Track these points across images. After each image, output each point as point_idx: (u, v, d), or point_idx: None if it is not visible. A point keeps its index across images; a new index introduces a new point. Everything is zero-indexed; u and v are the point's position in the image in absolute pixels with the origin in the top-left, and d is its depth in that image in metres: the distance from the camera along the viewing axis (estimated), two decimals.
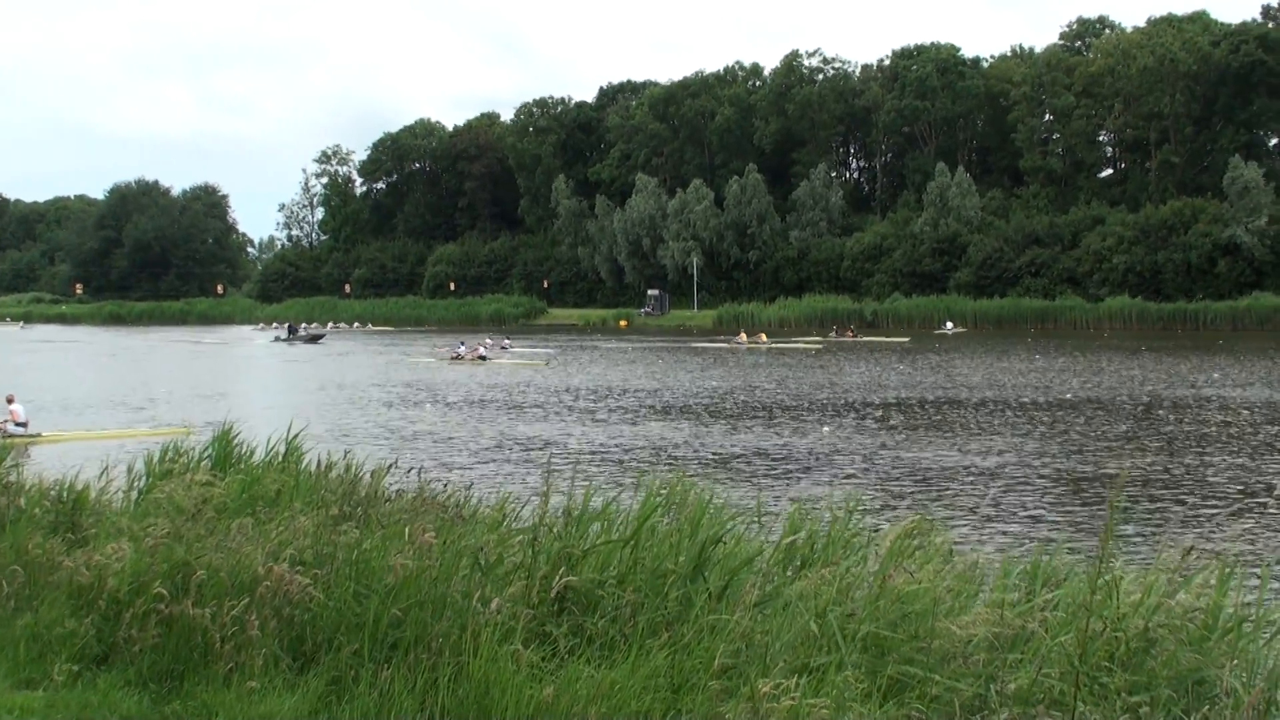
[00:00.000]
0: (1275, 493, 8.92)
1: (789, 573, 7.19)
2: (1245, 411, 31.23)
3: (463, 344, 66.06)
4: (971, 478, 20.37)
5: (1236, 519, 15.64)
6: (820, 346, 68.10)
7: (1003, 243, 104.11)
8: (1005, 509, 17.34)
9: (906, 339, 74.97)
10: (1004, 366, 49.72)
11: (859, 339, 77.97)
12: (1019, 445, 24.53)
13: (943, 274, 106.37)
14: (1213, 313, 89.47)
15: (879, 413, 31.74)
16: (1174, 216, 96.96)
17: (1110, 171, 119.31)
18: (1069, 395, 36.12)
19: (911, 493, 18.66)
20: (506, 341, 67.42)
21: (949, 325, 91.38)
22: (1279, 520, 15.52)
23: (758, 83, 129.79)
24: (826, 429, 27.55)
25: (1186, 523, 15.68)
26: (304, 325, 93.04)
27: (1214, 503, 17.63)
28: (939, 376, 45.02)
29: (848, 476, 20.43)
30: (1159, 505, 17.49)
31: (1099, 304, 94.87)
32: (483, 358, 53.81)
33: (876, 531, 7.71)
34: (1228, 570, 6.37)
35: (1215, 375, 43.92)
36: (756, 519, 8.35)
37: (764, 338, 72.67)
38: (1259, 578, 6.55)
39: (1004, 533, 15.46)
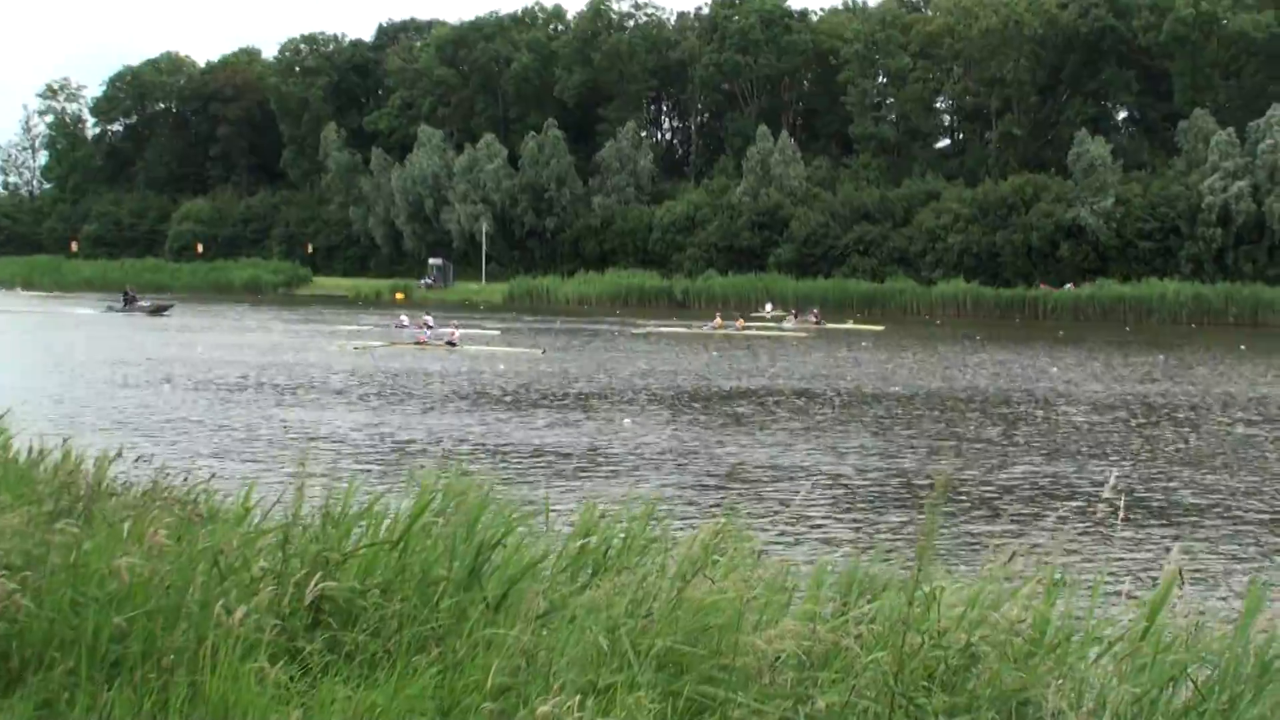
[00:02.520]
0: (1109, 485, 9.25)
1: (578, 581, 7.20)
2: (1081, 409, 32.49)
3: (405, 318, 65.16)
4: (785, 476, 20.75)
5: (1067, 523, 16.26)
6: (809, 334, 67.27)
7: (829, 217, 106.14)
8: (820, 511, 17.71)
9: (881, 326, 74.11)
10: (818, 358, 50.72)
11: (824, 325, 75.95)
12: (839, 442, 25.08)
13: (762, 250, 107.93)
14: (1053, 300, 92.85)
15: (689, 404, 32.10)
16: (1014, 194, 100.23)
17: (947, 142, 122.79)
18: (896, 388, 37.07)
19: (718, 492, 18.92)
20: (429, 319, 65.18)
21: (769, 308, 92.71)
22: (1109, 523, 16.19)
23: (560, 27, 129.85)
24: (628, 421, 27.74)
25: (1014, 528, 16.25)
26: (149, 296, 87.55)
27: (1044, 506, 18.30)
28: (758, 363, 45.78)
29: (649, 473, 20.61)
30: (986, 509, 18.09)
31: (931, 287, 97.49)
32: (452, 344, 51.09)
33: (678, 535, 7.77)
34: (1056, 580, 6.58)
35: (1054, 370, 45.59)
36: (543, 520, 8.35)
37: (741, 323, 70.81)
38: (1089, 587, 6.79)
39: (818, 537, 15.79)
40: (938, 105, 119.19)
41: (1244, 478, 21.47)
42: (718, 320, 72.70)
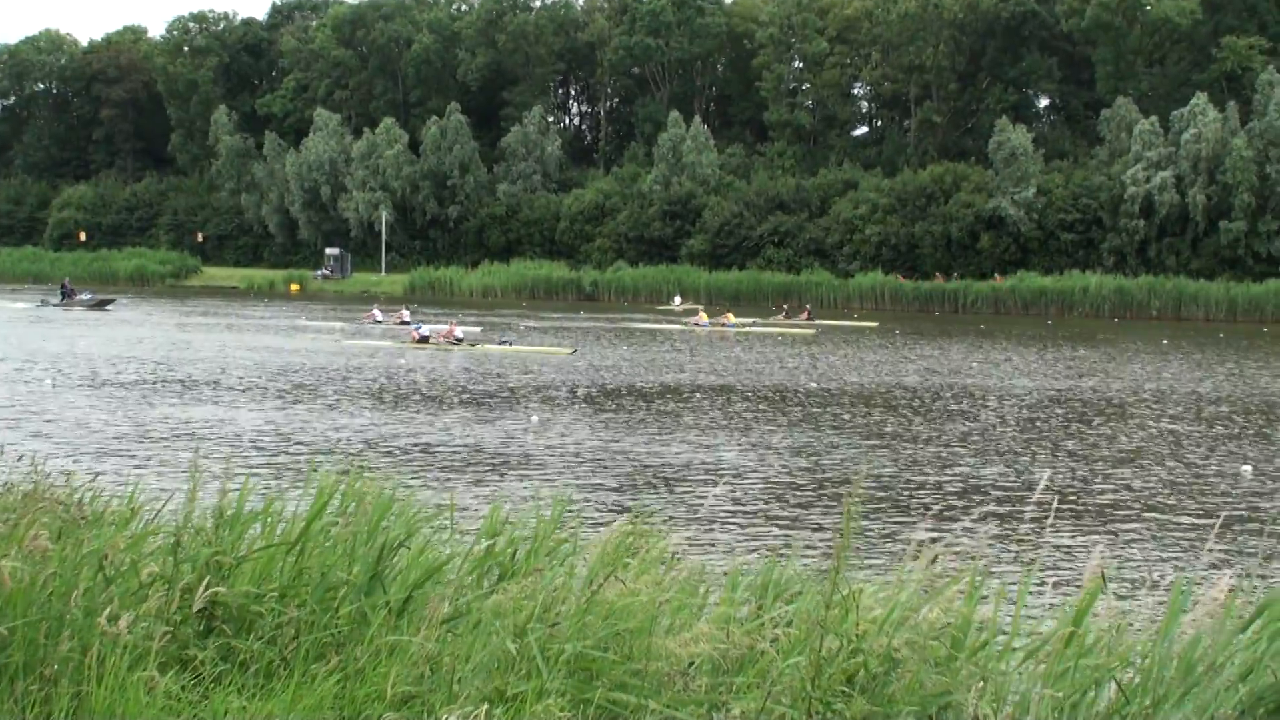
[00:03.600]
0: (1041, 483, 9.39)
1: (484, 585, 7.19)
2: (1006, 405, 32.90)
3: (378, 313, 64.03)
4: (700, 474, 20.83)
5: (989, 522, 16.46)
6: (815, 331, 65.51)
7: (743, 207, 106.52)
8: (736, 510, 17.80)
9: (875, 323, 73.61)
10: (732, 355, 50.91)
11: (815, 321, 74.22)
12: (756, 439, 25.21)
13: (674, 241, 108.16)
14: (974, 293, 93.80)
15: (600, 400, 32.11)
16: (934, 183, 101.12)
17: (865, 130, 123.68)
18: (813, 384, 37.31)
19: (631, 491, 18.96)
20: (406, 314, 63.87)
21: (676, 300, 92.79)
22: (1036, 523, 16.41)
23: (463, 6, 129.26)
24: (535, 418, 27.72)
25: (938, 528, 16.42)
26: (88, 289, 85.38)
27: (968, 505, 18.50)
28: (678, 357, 45.89)
29: (559, 472, 20.61)
30: (909, 509, 18.26)
31: (849, 280, 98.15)
32: (458, 339, 49.57)
33: (588, 537, 7.78)
34: (978, 580, 6.65)
35: (974, 364, 46.10)
36: (448, 521, 8.32)
37: (730, 318, 68.81)
38: (1014, 589, 6.87)
39: (734, 538, 15.87)
40: (855, 92, 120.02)
41: (1171, 475, 21.84)
42: (701, 316, 70.72)
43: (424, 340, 50.23)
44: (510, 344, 48.95)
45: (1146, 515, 18.35)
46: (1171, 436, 27.25)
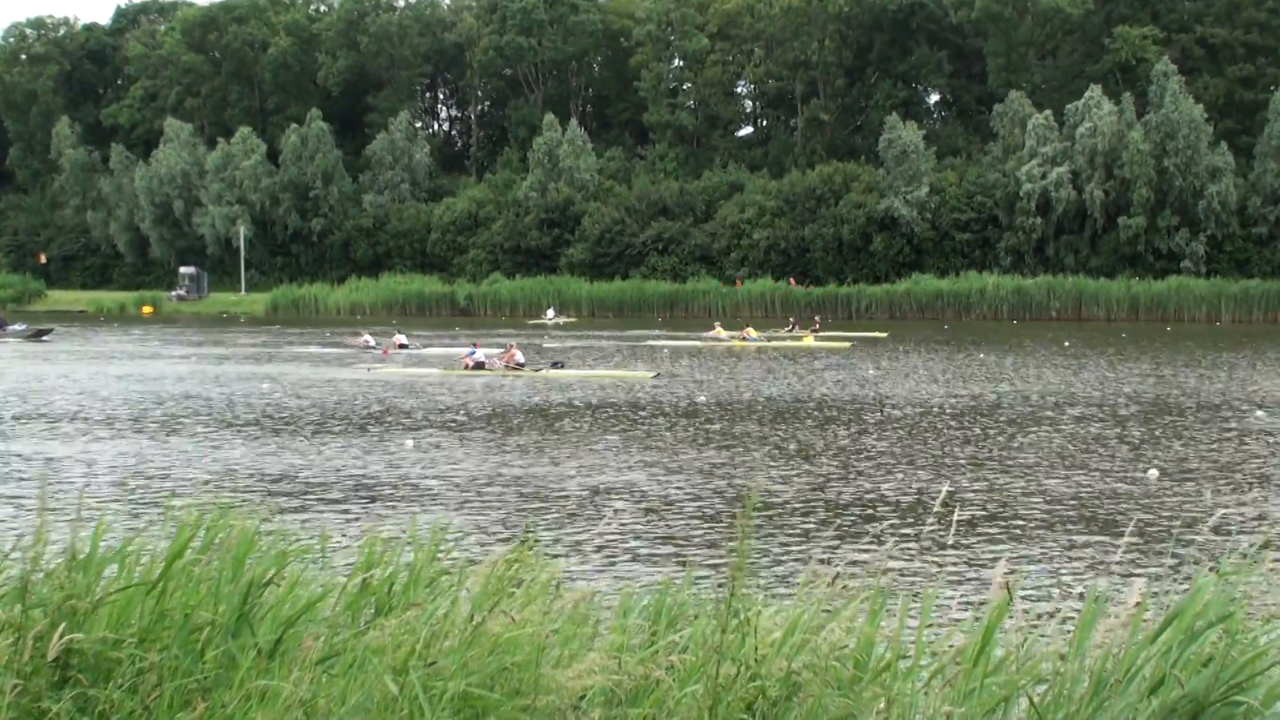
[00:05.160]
0: (942, 494, 9.49)
1: (361, 621, 7.12)
2: (905, 413, 33.22)
3: (370, 338, 62.33)
4: (586, 496, 20.82)
5: (892, 536, 16.60)
6: (850, 345, 62.97)
7: (624, 213, 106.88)
8: (626, 533, 17.81)
9: (884, 333, 72.56)
10: (605, 376, 50.97)
11: (821, 331, 71.98)
12: (646, 458, 25.24)
13: (553, 250, 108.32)
14: (867, 297, 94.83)
15: (481, 422, 32.01)
16: (823, 184, 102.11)
17: (750, 130, 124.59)
18: (702, 398, 37.43)
19: (515, 517, 18.91)
20: (401, 338, 61.91)
21: (550, 314, 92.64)
22: (939, 536, 16.58)
23: (322, 7, 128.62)
24: (410, 443, 27.56)
25: (839, 545, 16.54)
26: (22, 321, 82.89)
27: (870, 520, 18.66)
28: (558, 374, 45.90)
29: (437, 499, 20.50)
30: (808, 525, 18.38)
31: (736, 288, 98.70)
32: (520, 364, 46.56)
33: (471, 566, 7.75)
34: (881, 598, 6.70)
35: (872, 372, 46.53)
36: (320, 554, 8.24)
37: (751, 332, 66.86)
38: (918, 606, 6.93)
39: (625, 563, 15.88)
40: (739, 90, 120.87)
41: (1078, 482, 22.16)
42: (717, 329, 68.87)
43: (479, 366, 47.33)
44: (562, 366, 47.58)
45: (1054, 524, 18.60)
46: (1077, 441, 27.66)
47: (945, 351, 57.48)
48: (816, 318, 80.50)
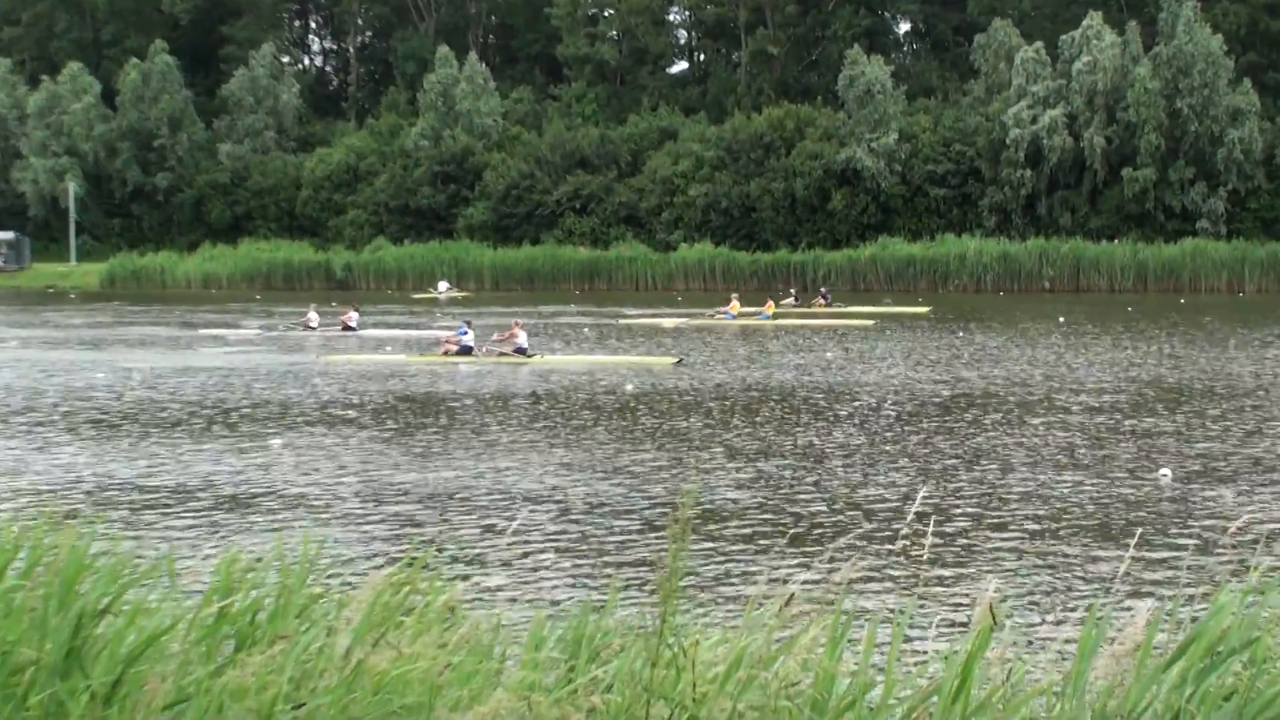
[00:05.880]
0: (917, 500, 9.49)
1: (218, 657, 7.07)
2: (873, 404, 33.36)
3: (314, 315, 61.81)
4: (491, 506, 20.77)
5: (857, 550, 16.66)
6: (873, 323, 62.22)
7: (534, 166, 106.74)
8: (538, 548, 17.78)
9: (927, 308, 71.57)
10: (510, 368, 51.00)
11: (830, 306, 71.49)
12: (563, 458, 25.21)
13: (448, 211, 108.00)
14: (825, 265, 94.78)
15: (369, 418, 31.89)
16: (772, 131, 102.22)
17: (685, 66, 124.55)
18: (629, 387, 37.44)
19: (405, 529, 18.84)
20: (353, 316, 61.08)
21: (443, 286, 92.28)
22: (913, 549, 16.65)
23: None
24: (278, 443, 27.41)
25: (794, 560, 16.57)
26: None
27: (831, 530, 18.71)
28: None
29: (314, 508, 20.41)
30: (758, 537, 18.41)
31: (670, 254, 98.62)
32: (521, 349, 44.66)
33: (351, 589, 7.70)
34: (843, 624, 6.68)
35: (828, 355, 46.71)
36: (168, 577, 8.17)
37: (772, 306, 65.77)
38: (889, 633, 6.93)
39: (537, 584, 15.85)
40: (671, 19, 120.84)
41: (1077, 485, 22.25)
42: (734, 304, 67.50)
43: (465, 351, 45.98)
44: (554, 352, 46.45)
45: (1049, 534, 18.69)
46: (1076, 437, 27.82)
47: (919, 332, 57.70)
48: (824, 289, 79.25)
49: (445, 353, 46.22)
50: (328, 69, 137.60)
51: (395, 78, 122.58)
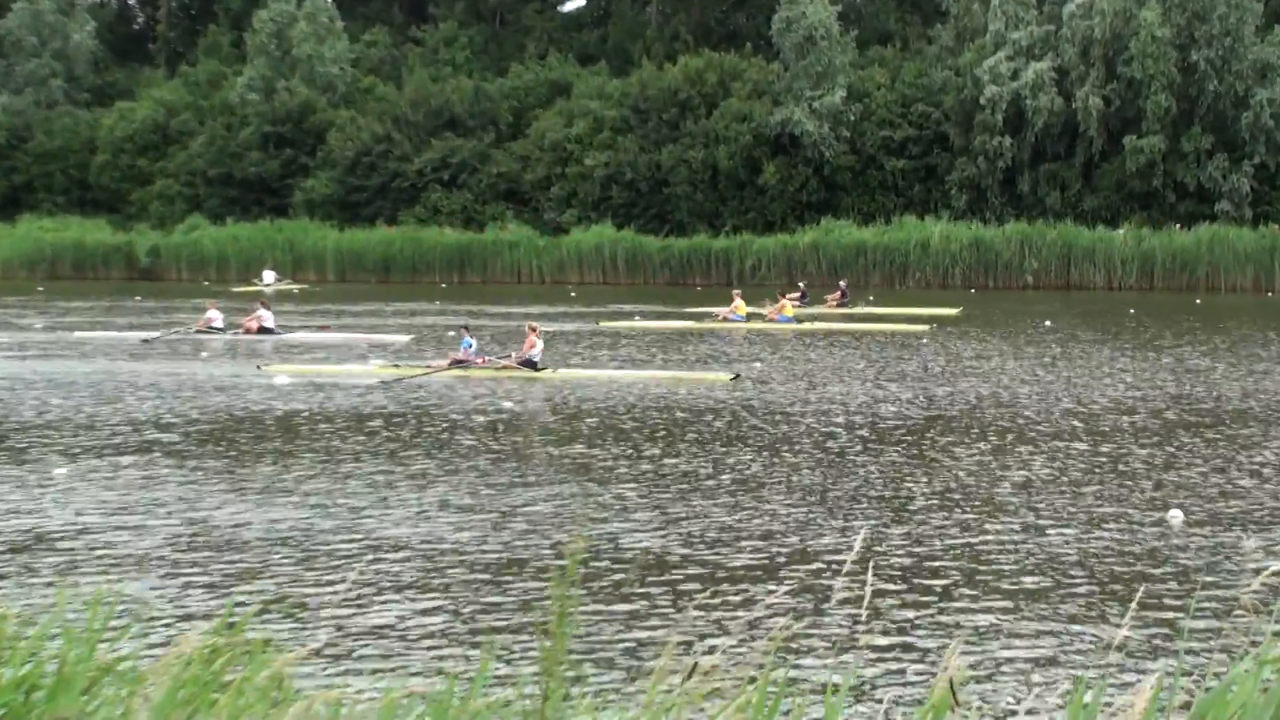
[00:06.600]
0: (857, 544, 9.54)
1: None
2: (809, 425, 33.47)
3: (216, 314, 61.16)
4: (338, 553, 20.71)
5: (789, 608, 16.72)
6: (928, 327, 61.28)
7: (391, 127, 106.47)
8: (393, 606, 17.75)
9: (957, 309, 70.35)
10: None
11: (852, 309, 70.79)
12: (441, 495, 25.15)
13: (282, 182, 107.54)
14: (756, 252, 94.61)
15: (192, 441, 31.73)
16: (689, 86, 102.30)
17: (581, 3, 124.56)
18: (509, 404, 37.46)
19: (225, 582, 18.76)
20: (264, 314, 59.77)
21: (268, 276, 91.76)
22: (854, 605, 16.70)
23: None
24: (62, 471, 27.26)
25: (711, 620, 16.61)
26: None
27: (753, 580, 18.77)
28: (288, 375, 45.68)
29: (104, 556, 20.29)
30: (664, 593, 18.44)
31: (562, 238, 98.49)
32: (532, 363, 43.34)
33: (153, 658, 7.66)
34: (768, 700, 6.70)
35: (759, 364, 46.86)
36: None
37: (787, 308, 64.55)
38: (818, 708, 6.98)
39: (388, 651, 15.82)
40: None
41: (1065, 528, 22.35)
42: (737, 304, 66.63)
43: (459, 365, 45.53)
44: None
45: (1028, 590, 18.79)
46: (1066, 471, 27.98)
47: (870, 332, 57.92)
48: (841, 284, 78.17)
49: (450, 364, 45.60)
50: (131, 2, 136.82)
51: (216, 15, 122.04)
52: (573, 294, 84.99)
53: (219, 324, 59.79)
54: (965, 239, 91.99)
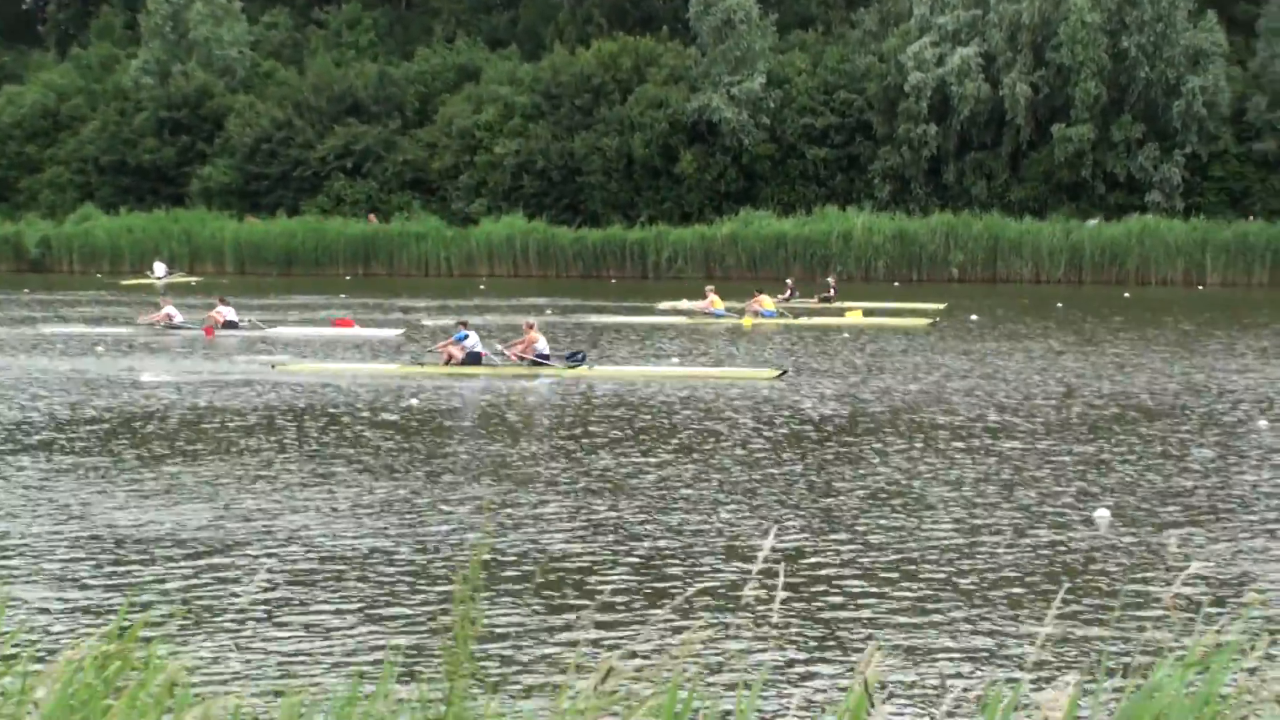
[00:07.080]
0: (767, 545, 9.59)
1: None
2: (725, 425, 33.53)
3: (174, 311, 60.10)
4: (239, 554, 20.68)
5: (701, 610, 16.77)
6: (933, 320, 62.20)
7: (292, 113, 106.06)
8: (292, 608, 17.74)
9: (940, 304, 70.08)
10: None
11: (833, 304, 70.70)
12: (350, 495, 25.13)
13: (179, 170, 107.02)
14: (672, 243, 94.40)
15: (95, 441, 31.60)
16: (603, 71, 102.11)
17: None
18: (414, 401, 37.42)
19: (120, 584, 18.71)
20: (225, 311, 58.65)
21: (159, 269, 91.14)
22: (765, 607, 16.78)
23: None
24: None
25: (618, 626, 16.67)
26: None
27: (664, 582, 18.84)
28: (200, 366, 45.53)
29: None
30: (568, 597, 18.51)
31: (470, 229, 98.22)
32: (544, 358, 42.51)
33: (42, 662, 7.68)
34: (678, 704, 6.75)
35: (675, 359, 46.88)
36: None
37: (764, 302, 63.68)
38: (729, 712, 7.05)
39: (291, 654, 15.83)
40: None
41: (987, 526, 22.46)
42: (711, 298, 66.41)
43: (472, 360, 44.83)
44: (582, 360, 44.27)
45: (947, 591, 18.89)
46: (989, 468, 28.11)
47: (786, 326, 58.00)
48: (831, 279, 77.40)
49: (448, 360, 44.91)
50: None
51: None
52: (482, 286, 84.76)
53: (177, 319, 59.33)
54: (888, 230, 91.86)
